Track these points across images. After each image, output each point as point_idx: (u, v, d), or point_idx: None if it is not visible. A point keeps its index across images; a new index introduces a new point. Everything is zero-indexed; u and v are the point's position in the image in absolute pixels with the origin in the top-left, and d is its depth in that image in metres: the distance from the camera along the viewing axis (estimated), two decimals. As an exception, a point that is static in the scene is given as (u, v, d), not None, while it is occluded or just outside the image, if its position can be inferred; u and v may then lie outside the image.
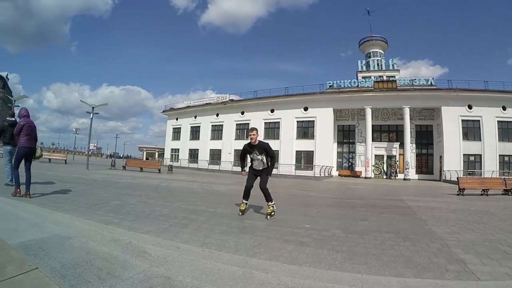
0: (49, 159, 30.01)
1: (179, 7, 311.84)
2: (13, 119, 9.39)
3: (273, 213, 6.46)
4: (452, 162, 31.43)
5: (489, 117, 32.35)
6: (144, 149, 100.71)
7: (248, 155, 6.71)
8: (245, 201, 6.77)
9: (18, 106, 30.00)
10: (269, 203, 6.53)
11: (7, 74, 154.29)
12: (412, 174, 35.28)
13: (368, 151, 36.04)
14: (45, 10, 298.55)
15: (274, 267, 3.16)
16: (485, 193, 14.37)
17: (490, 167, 30.95)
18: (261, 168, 6.61)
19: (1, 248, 3.11)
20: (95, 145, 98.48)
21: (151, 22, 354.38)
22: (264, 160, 6.52)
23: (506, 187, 14.80)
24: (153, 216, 6.16)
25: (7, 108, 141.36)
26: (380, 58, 53.48)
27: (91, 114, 24.36)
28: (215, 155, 46.29)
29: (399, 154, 37.62)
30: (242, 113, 44.94)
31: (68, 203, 7.03)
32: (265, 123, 42.76)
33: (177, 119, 54.20)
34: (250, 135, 6.38)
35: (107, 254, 3.36)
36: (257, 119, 42.64)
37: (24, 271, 2.63)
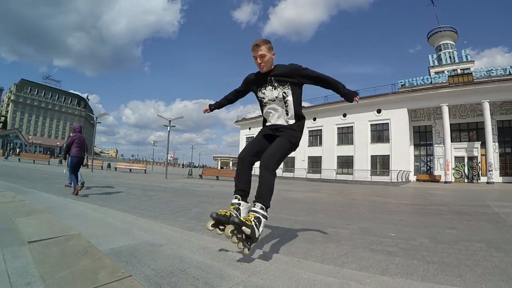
0: (130, 169, 32.61)
1: (242, 21, 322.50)
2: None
3: (256, 230, 2.99)
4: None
5: None
6: (219, 158, 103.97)
7: (249, 93, 3.72)
8: (238, 198, 3.31)
9: (100, 122, 32.83)
10: (258, 205, 3.08)
11: (87, 95, 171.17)
12: (496, 176, 32.58)
13: (447, 152, 34.04)
14: (117, 37, 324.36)
15: (367, 278, 3.14)
16: None
17: None
18: (280, 123, 3.37)
19: (93, 254, 3.02)
20: (172, 155, 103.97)
21: (216, 38, 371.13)
22: (290, 103, 3.28)
23: None
24: None
25: (89, 125, 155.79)
26: (451, 50, 50.58)
27: (168, 127, 26.01)
28: (289, 163, 46.63)
29: (481, 155, 34.83)
30: (314, 119, 44.98)
31: (151, 209, 7.57)
32: (337, 128, 42.45)
33: (249, 128, 55.66)
34: (257, 55, 3.21)
35: (201, 263, 3.20)
36: (329, 125, 42.60)
37: (117, 278, 2.52)
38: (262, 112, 3.52)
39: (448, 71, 44.31)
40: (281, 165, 38.23)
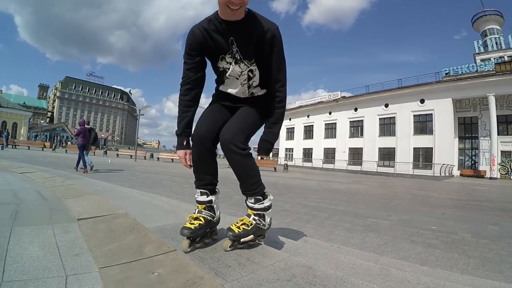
0: (172, 159, 33.51)
1: (281, 11, 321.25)
2: (89, 126, 13.49)
3: (261, 227, 2.59)
4: None
5: None
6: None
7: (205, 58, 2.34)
8: (207, 194, 2.54)
9: (143, 114, 33.94)
10: (251, 199, 2.47)
11: (130, 90, 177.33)
12: (544, 172, 30.26)
13: (494, 146, 32.07)
14: (158, 32, 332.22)
15: (407, 267, 3.16)
16: None
17: None
18: (243, 96, 2.48)
19: (139, 231, 3.08)
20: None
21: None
22: (256, 76, 2.35)
23: None
24: (275, 210, 6.34)
25: (132, 118, 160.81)
26: (498, 36, 47.86)
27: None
28: (329, 154, 46.37)
29: (530, 149, 32.65)
30: (356, 109, 44.13)
31: (193, 195, 7.69)
32: (379, 119, 41.34)
33: (290, 119, 55.52)
34: None
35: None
36: (371, 115, 41.63)
37: (163, 252, 2.54)
38: (221, 75, 2.43)
39: (494, 58, 42.04)
40: (321, 157, 37.83)
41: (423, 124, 36.91)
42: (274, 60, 2.22)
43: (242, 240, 2.49)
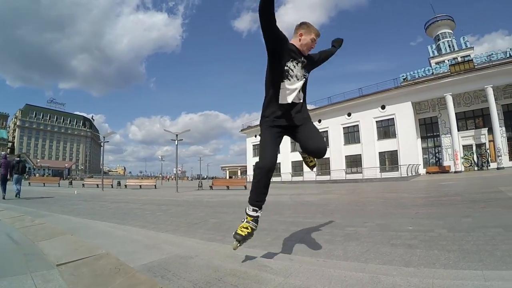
0: (140, 186, 32.76)
1: (243, 30, 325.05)
2: (18, 159, 15.59)
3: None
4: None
5: None
6: (227, 168, 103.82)
7: (281, 66, 2.92)
8: (257, 210, 3.29)
9: (108, 141, 33.16)
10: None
11: (92, 116, 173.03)
12: (505, 161, 32.41)
13: (455, 142, 33.95)
14: (121, 55, 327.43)
15: (393, 271, 3.20)
16: None
17: None
18: (297, 101, 3.07)
19: (126, 272, 2.99)
20: (181, 169, 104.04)
21: (219, 49, 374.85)
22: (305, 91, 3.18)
23: None
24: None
25: (96, 145, 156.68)
26: (450, 39, 51.05)
27: (176, 141, 26.25)
28: (297, 167, 46.89)
29: (489, 141, 34.62)
30: (319, 121, 45.16)
31: (169, 223, 7.72)
32: (343, 128, 42.61)
33: (256, 136, 55.65)
34: (309, 37, 3.08)
35: (234, 270, 3.22)
36: (335, 125, 42.86)
37: None
38: (280, 85, 2.94)
39: (448, 60, 44.50)
40: (290, 170, 38.24)
41: (386, 129, 38.30)
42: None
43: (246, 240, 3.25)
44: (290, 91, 2.96)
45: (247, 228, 3.25)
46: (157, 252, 4.08)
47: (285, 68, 2.91)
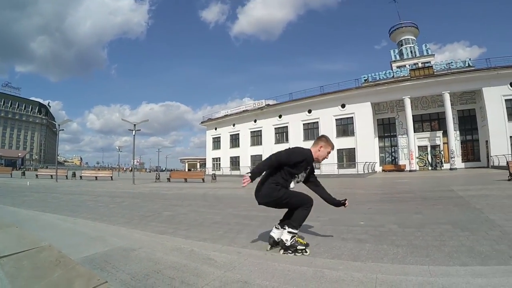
0: (96, 177, 31.64)
1: (210, 21, 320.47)
2: None
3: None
4: (499, 146, 29.77)
5: (536, 93, 30.24)
6: (186, 160, 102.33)
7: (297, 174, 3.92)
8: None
9: (63, 129, 31.70)
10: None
11: (49, 102, 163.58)
12: (458, 163, 34.15)
13: (411, 143, 35.20)
14: (83, 39, 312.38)
15: (340, 265, 3.22)
16: (541, 176, 13.68)
17: (543, 148, 29.00)
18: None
19: (66, 264, 2.97)
20: (138, 160, 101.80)
21: (185, 38, 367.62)
22: None
23: None
24: (206, 224, 6.36)
25: (52, 133, 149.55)
26: (412, 45, 52.70)
27: (133, 131, 25.38)
28: (256, 161, 46.55)
29: (443, 143, 36.35)
30: (280, 116, 45.35)
31: (121, 216, 7.49)
32: (303, 124, 42.89)
33: (216, 128, 55.57)
34: (327, 150, 4.03)
35: (175, 263, 3.27)
36: (295, 122, 43.01)
37: (94, 285, 2.52)
38: (291, 181, 3.92)
39: (409, 65, 45.78)
40: (249, 164, 39.80)
41: (345, 127, 39.08)
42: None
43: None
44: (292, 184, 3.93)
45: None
46: (101, 244, 4.06)
47: (296, 176, 3.89)
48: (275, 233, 3.99)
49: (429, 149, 37.47)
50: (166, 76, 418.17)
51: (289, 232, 3.76)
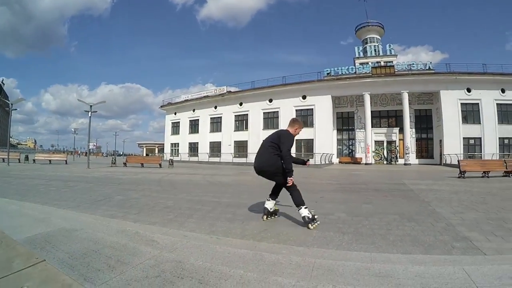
0: (50, 161, 30.16)
1: (178, 3, 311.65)
2: None
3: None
4: (452, 145, 31.44)
5: (488, 100, 32.23)
6: (144, 145, 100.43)
7: None
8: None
9: (16, 109, 29.87)
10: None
11: (2, 80, 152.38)
12: (412, 159, 35.40)
13: (368, 137, 36.06)
14: (43, 12, 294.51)
15: (284, 250, 3.21)
16: (486, 175, 14.47)
17: (490, 150, 31.01)
18: None
19: (7, 244, 3.10)
20: (95, 144, 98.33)
21: (150, 19, 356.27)
22: None
23: (506, 169, 14.85)
24: (158, 208, 6.25)
25: (4, 113, 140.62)
26: (377, 44, 53.81)
27: (89, 113, 24.25)
28: (215, 148, 46.43)
29: (399, 139, 37.60)
30: (241, 104, 44.91)
31: (72, 200, 7.18)
32: (263, 113, 42.75)
33: (175, 113, 54.16)
34: (299, 130, 5.24)
35: (115, 243, 3.41)
36: (256, 110, 42.79)
37: (31, 263, 2.64)
38: None
39: (372, 63, 46.77)
40: (207, 151, 37.95)
41: (304, 118, 39.14)
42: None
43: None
44: None
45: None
46: (44, 225, 4.22)
47: None
48: (268, 204, 5.07)
49: (385, 144, 38.60)
50: (128, 57, 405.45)
51: (305, 209, 4.55)
